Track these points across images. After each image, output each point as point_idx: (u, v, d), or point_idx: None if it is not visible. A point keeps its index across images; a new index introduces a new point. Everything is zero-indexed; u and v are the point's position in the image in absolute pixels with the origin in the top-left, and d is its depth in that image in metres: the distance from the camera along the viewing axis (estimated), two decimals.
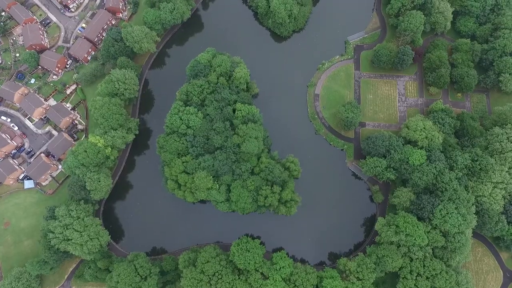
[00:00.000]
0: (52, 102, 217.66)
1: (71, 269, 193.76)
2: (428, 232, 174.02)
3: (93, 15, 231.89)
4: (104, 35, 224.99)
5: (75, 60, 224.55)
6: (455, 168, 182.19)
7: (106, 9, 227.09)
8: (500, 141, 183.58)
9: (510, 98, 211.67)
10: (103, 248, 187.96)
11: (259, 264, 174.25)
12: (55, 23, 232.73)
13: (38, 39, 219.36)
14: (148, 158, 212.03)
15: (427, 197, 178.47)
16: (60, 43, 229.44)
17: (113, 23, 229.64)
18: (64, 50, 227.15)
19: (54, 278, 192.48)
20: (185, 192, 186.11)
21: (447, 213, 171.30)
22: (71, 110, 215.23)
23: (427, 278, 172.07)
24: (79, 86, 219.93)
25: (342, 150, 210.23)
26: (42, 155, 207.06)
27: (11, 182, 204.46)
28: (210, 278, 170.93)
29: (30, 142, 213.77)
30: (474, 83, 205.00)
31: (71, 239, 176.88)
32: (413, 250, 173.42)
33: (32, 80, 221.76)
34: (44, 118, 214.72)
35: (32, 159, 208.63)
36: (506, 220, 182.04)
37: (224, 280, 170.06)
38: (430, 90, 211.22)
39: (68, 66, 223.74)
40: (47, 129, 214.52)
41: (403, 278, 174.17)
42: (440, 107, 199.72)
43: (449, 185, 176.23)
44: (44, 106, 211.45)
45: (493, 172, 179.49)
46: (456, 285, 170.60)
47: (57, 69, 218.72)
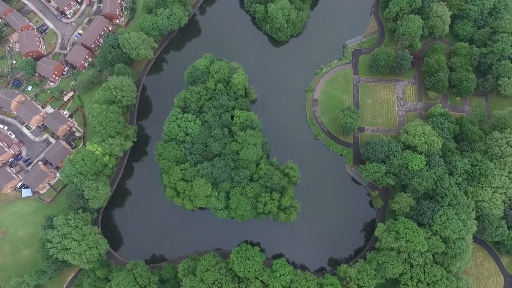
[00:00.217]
0: (49, 109, 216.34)
1: (70, 278, 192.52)
2: (428, 238, 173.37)
3: (90, 21, 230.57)
4: (101, 42, 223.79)
5: (72, 66, 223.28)
6: (454, 173, 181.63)
7: (103, 15, 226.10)
8: (500, 145, 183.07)
9: (509, 101, 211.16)
10: (102, 257, 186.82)
11: (259, 272, 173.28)
12: (51, 29, 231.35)
13: (34, 46, 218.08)
14: (147, 165, 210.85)
15: (427, 202, 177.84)
16: (57, 49, 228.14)
17: (110, 29, 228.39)
18: (61, 57, 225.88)
19: None
20: (184, 199, 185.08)
21: (447, 218, 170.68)
22: (68, 117, 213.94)
23: (428, 284, 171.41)
24: (77, 93, 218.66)
25: (341, 155, 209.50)
26: (40, 163, 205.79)
27: (9, 191, 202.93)
28: (209, 287, 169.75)
29: (27, 150, 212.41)
30: (473, 87, 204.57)
31: (70, 249, 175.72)
32: (413, 256, 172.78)
33: (29, 88, 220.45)
34: (42, 125, 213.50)
35: (29, 168, 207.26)
36: (506, 225, 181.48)
37: None
38: (429, 94, 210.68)
39: (65, 73, 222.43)
40: (44, 136, 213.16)
41: (403, 285, 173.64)
42: (439, 112, 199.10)
43: (449, 190, 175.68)
44: (41, 113, 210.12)
45: (493, 177, 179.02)
46: None
47: (54, 76, 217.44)
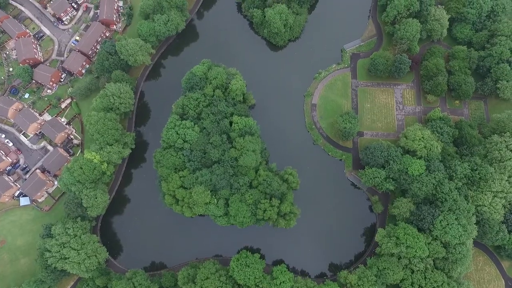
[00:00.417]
0: (46, 117, 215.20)
1: (69, 287, 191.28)
2: (428, 244, 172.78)
3: (87, 27, 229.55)
4: (98, 48, 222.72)
5: (70, 73, 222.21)
6: (454, 177, 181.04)
7: (99, 21, 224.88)
8: (499, 149, 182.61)
9: (508, 104, 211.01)
10: (101, 265, 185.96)
11: (259, 279, 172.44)
12: (48, 36, 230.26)
13: (31, 53, 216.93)
14: (145, 171, 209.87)
15: (427, 207, 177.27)
16: (54, 56, 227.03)
17: (107, 35, 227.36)
18: (58, 64, 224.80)
19: None
20: (183, 207, 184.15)
21: (448, 224, 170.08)
22: (66, 124, 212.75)
23: None
24: (74, 100, 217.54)
25: (341, 160, 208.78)
26: (38, 171, 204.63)
27: (7, 200, 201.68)
28: None
29: (25, 158, 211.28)
30: (471, 91, 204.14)
31: (68, 258, 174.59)
32: (414, 262, 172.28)
33: (26, 95, 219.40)
34: (39, 133, 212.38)
35: (27, 176, 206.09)
36: (506, 229, 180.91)
37: None
38: (428, 98, 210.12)
39: (62, 80, 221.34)
40: (42, 144, 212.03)
41: None
42: (438, 116, 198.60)
43: (449, 195, 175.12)
44: (38, 121, 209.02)
45: (492, 181, 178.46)
46: None
47: (51, 83, 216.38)
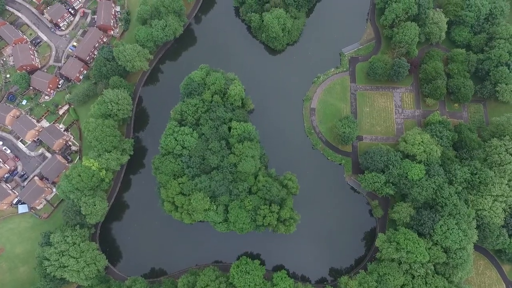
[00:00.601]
0: (44, 123, 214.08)
1: None
2: (429, 249, 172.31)
3: (84, 33, 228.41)
4: (95, 54, 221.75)
5: (67, 79, 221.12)
6: (454, 182, 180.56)
7: (97, 26, 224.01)
8: (499, 153, 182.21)
9: (507, 107, 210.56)
10: (101, 273, 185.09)
11: (259, 286, 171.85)
12: (45, 42, 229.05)
13: (28, 59, 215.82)
14: (144, 178, 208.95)
15: (427, 212, 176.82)
16: (51, 62, 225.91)
17: (104, 40, 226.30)
18: (55, 70, 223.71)
19: None
20: (182, 213, 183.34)
21: (448, 229, 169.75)
22: (64, 131, 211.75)
23: None
24: (72, 106, 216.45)
25: (340, 164, 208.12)
26: (36, 178, 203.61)
27: (5, 207, 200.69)
28: None
29: (23, 165, 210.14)
30: (470, 94, 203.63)
31: (67, 266, 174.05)
32: (414, 267, 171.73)
33: (24, 102, 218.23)
34: (37, 140, 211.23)
35: (25, 183, 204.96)
36: (507, 233, 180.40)
37: None
38: (427, 101, 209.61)
39: (60, 86, 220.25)
40: (40, 151, 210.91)
41: None
42: (437, 119, 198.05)
43: (449, 200, 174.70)
44: (36, 128, 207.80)
45: (492, 185, 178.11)
46: None
47: (48, 89, 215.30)
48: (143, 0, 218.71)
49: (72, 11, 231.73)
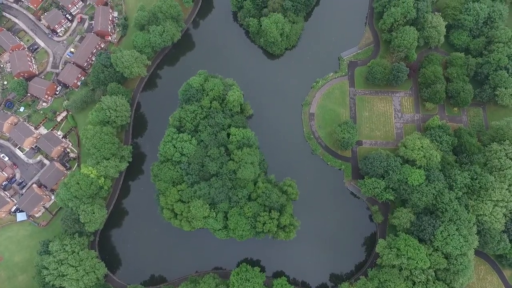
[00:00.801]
0: (42, 130, 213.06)
1: None
2: (430, 255, 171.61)
3: (81, 39, 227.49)
4: (93, 60, 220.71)
5: (65, 86, 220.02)
6: (454, 187, 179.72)
7: (94, 32, 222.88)
8: (499, 157, 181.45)
9: (507, 111, 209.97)
10: (100, 281, 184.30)
11: None
12: (43, 48, 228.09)
13: (26, 66, 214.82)
14: (143, 184, 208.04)
15: (427, 218, 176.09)
16: (48, 68, 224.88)
17: (102, 46, 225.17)
18: (53, 76, 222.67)
19: None
20: (181, 221, 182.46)
21: (449, 235, 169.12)
22: (62, 138, 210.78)
23: None
24: (70, 113, 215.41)
25: (340, 169, 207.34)
26: (34, 186, 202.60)
27: (3, 215, 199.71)
28: None
29: (21, 173, 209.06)
30: (470, 98, 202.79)
31: (67, 275, 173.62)
32: (415, 274, 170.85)
33: (22, 108, 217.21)
34: (35, 147, 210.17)
35: (24, 190, 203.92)
36: (508, 238, 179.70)
37: None
38: (426, 106, 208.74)
39: (57, 93, 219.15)
40: (38, 158, 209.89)
41: None
42: (436, 124, 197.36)
43: (449, 205, 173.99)
44: (34, 135, 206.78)
45: (493, 190, 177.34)
46: None
47: (46, 96, 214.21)
48: (140, 6, 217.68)
49: (69, 17, 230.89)
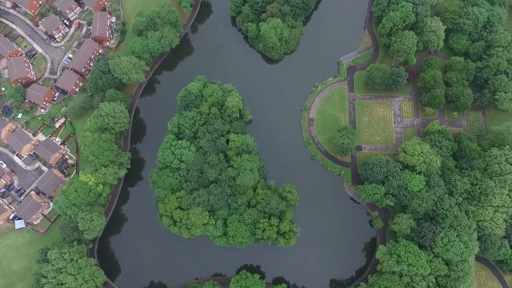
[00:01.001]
0: (40, 137, 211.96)
1: None
2: (430, 261, 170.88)
3: (79, 44, 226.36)
4: (91, 65, 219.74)
5: (63, 92, 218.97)
6: (454, 193, 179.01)
7: (92, 38, 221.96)
8: (499, 163, 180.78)
9: (507, 115, 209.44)
10: None
11: None
12: (40, 54, 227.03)
13: (23, 72, 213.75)
14: (142, 191, 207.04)
15: (428, 224, 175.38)
16: (46, 74, 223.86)
17: (100, 52, 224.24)
18: (51, 82, 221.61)
19: None
20: (180, 228, 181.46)
21: (449, 241, 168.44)
22: (60, 144, 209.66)
23: None
24: (68, 119, 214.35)
25: (340, 175, 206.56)
26: (32, 193, 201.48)
27: (1, 223, 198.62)
28: None
29: (19, 180, 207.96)
30: (469, 102, 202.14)
31: (65, 283, 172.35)
32: (416, 280, 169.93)
33: (20, 115, 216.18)
34: (33, 154, 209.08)
35: (22, 197, 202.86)
36: (508, 244, 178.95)
37: None
38: (426, 110, 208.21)
39: (56, 99, 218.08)
40: (36, 165, 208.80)
41: None
42: (436, 129, 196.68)
43: (449, 211, 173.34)
44: (32, 142, 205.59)
45: (493, 195, 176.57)
46: None
47: (44, 102, 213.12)
48: (138, 11, 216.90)
49: (67, 23, 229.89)
